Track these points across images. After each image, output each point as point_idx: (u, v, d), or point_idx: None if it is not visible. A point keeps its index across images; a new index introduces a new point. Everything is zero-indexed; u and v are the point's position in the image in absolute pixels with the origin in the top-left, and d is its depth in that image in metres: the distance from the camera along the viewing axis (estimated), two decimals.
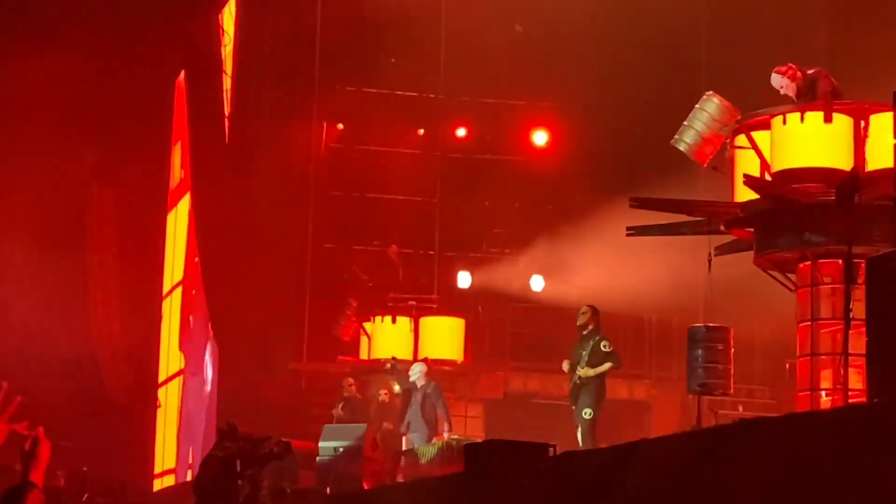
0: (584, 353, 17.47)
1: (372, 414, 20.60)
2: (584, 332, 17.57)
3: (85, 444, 25.22)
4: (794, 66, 15.22)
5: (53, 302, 26.72)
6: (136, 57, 28.50)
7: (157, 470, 28.15)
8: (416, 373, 20.03)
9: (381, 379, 21.39)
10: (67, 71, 27.64)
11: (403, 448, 19.59)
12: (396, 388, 20.93)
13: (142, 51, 28.36)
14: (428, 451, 18.47)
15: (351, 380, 21.23)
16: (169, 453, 27.81)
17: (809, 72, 15.16)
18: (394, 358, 21.39)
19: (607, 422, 19.32)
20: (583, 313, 17.70)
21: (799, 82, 15.12)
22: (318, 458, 17.95)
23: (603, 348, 17.55)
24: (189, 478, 25.21)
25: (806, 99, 15.05)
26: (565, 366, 17.63)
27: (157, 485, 27.64)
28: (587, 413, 17.36)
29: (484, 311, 24.56)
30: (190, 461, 25.66)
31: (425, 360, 21.27)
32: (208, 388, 25.61)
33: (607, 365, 17.48)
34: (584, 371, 17.48)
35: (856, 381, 12.57)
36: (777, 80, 15.23)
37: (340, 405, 20.70)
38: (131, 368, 29.80)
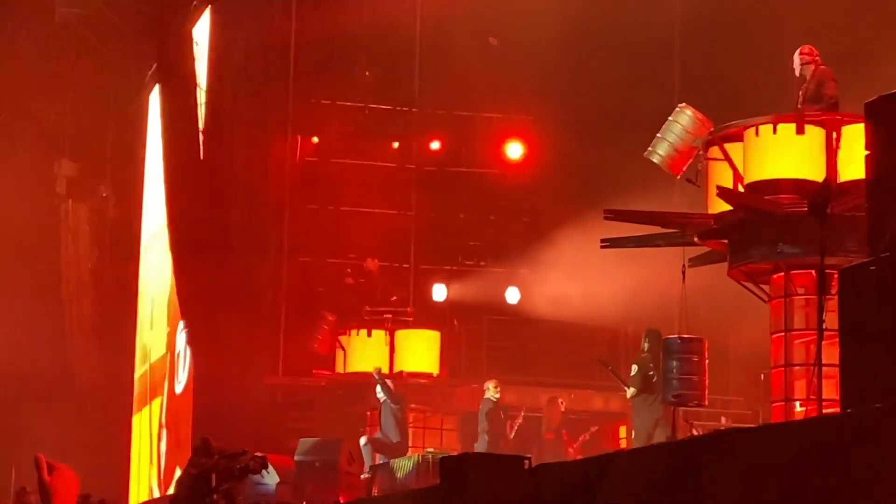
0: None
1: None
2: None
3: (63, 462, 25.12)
4: (815, 53, 15.25)
5: (29, 320, 26.63)
6: (109, 71, 28.47)
7: (133, 487, 28.10)
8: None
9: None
10: (41, 86, 27.61)
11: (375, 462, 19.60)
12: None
13: (115, 65, 28.33)
14: (404, 465, 18.47)
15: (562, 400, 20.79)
16: (144, 471, 27.77)
17: (822, 66, 15.19)
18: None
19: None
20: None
21: (812, 71, 15.13)
22: (294, 473, 17.93)
23: (631, 372, 17.75)
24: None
25: (808, 92, 15.07)
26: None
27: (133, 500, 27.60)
28: (632, 435, 17.47)
29: (460, 324, 24.54)
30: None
31: (400, 374, 21.30)
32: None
33: (628, 390, 17.66)
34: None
35: (829, 391, 12.60)
36: (796, 60, 15.26)
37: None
38: (107, 383, 29.72)
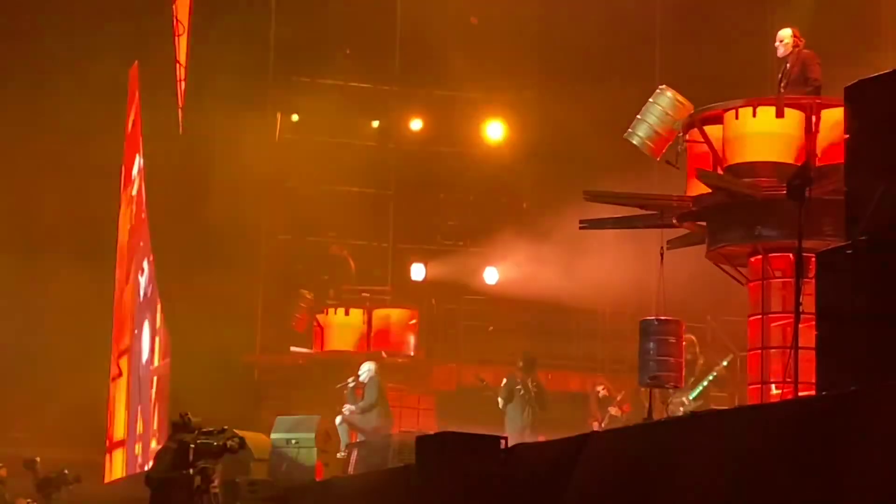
0: None
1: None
2: None
3: (36, 435, 25.13)
4: (797, 34, 15.22)
5: (5, 293, 26.57)
6: (89, 46, 28.34)
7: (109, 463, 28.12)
8: (365, 371, 20.00)
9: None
10: (19, 59, 27.49)
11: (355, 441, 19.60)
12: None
13: (95, 40, 28.20)
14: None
15: (602, 385, 20.50)
16: (119, 427, 27.89)
17: (806, 50, 15.17)
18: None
19: (559, 414, 19.45)
20: None
21: (795, 54, 15.11)
22: (270, 450, 17.92)
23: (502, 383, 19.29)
24: (138, 451, 25.34)
25: (793, 75, 15.06)
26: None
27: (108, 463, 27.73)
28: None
29: (437, 304, 24.57)
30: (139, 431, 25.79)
31: (377, 353, 21.29)
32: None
33: (500, 401, 19.12)
34: None
35: (806, 373, 12.64)
36: (779, 36, 15.23)
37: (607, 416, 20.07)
38: (84, 358, 29.65)
